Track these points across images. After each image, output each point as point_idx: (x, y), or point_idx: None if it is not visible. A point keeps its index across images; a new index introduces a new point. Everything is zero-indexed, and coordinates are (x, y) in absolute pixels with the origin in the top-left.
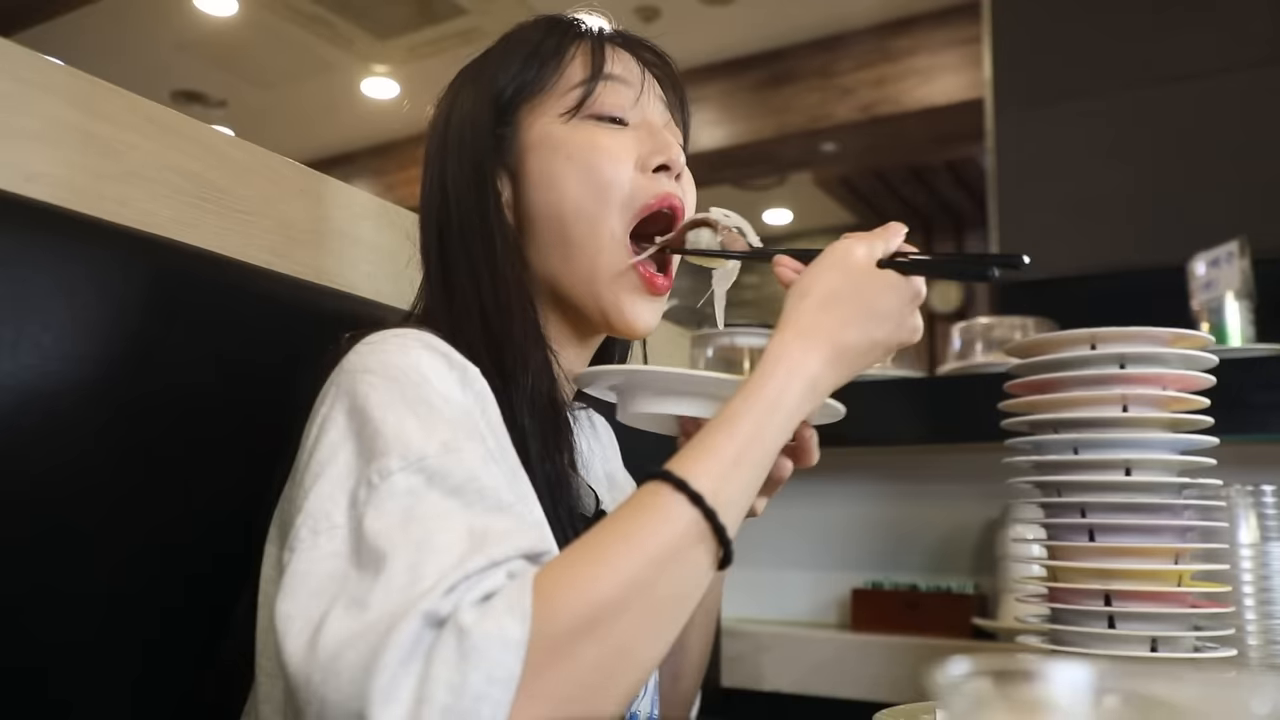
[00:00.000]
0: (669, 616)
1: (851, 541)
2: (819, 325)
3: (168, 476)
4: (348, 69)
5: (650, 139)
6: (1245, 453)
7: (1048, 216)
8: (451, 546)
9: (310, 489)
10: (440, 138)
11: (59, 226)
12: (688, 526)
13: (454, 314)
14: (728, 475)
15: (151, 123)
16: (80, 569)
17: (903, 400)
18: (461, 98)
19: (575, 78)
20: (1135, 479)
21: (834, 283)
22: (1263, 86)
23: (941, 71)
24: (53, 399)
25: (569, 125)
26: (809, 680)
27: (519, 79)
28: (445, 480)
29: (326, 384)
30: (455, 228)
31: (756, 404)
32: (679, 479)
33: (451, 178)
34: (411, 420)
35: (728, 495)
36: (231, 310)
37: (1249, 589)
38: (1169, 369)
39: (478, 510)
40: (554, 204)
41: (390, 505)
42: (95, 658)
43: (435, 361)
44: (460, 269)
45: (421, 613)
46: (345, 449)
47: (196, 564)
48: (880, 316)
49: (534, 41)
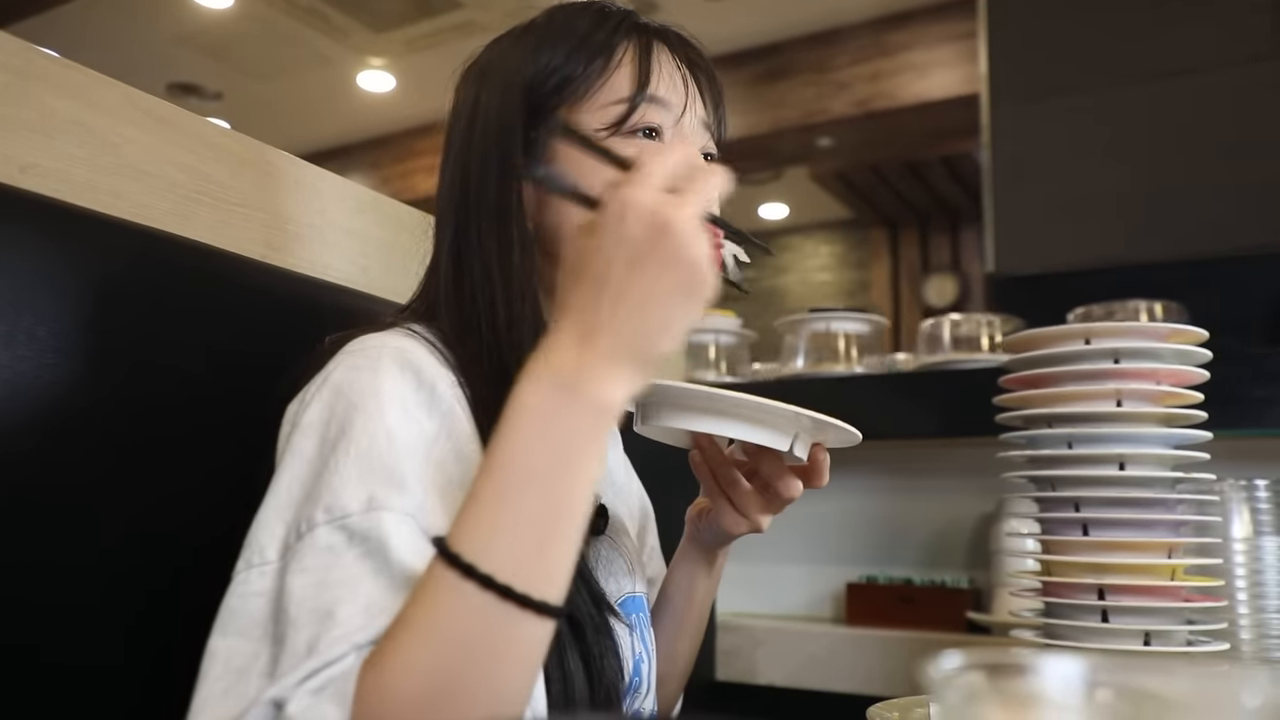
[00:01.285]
0: (499, 683)
1: (846, 536)
2: (554, 328)
3: (163, 471)
4: (343, 62)
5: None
6: (1239, 448)
7: (1042, 211)
8: (348, 620)
9: (259, 510)
10: (466, 123)
11: (54, 219)
12: (468, 602)
13: (463, 317)
14: (498, 525)
15: (147, 115)
16: (76, 558)
17: (897, 395)
18: (491, 80)
19: (620, 90)
20: (1129, 474)
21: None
22: (1259, 82)
23: (937, 67)
24: (47, 390)
25: (609, 141)
26: (804, 674)
27: (561, 73)
28: (362, 542)
29: (306, 388)
30: (474, 228)
31: (497, 437)
32: (447, 551)
33: (475, 175)
34: (350, 465)
35: (508, 547)
36: (226, 303)
37: (1242, 583)
38: (1163, 364)
39: (382, 580)
40: (569, 223)
41: (312, 562)
42: (87, 643)
43: (402, 384)
44: (474, 273)
45: (268, 700)
46: (294, 473)
47: (190, 552)
48: (601, 263)
49: (580, 32)
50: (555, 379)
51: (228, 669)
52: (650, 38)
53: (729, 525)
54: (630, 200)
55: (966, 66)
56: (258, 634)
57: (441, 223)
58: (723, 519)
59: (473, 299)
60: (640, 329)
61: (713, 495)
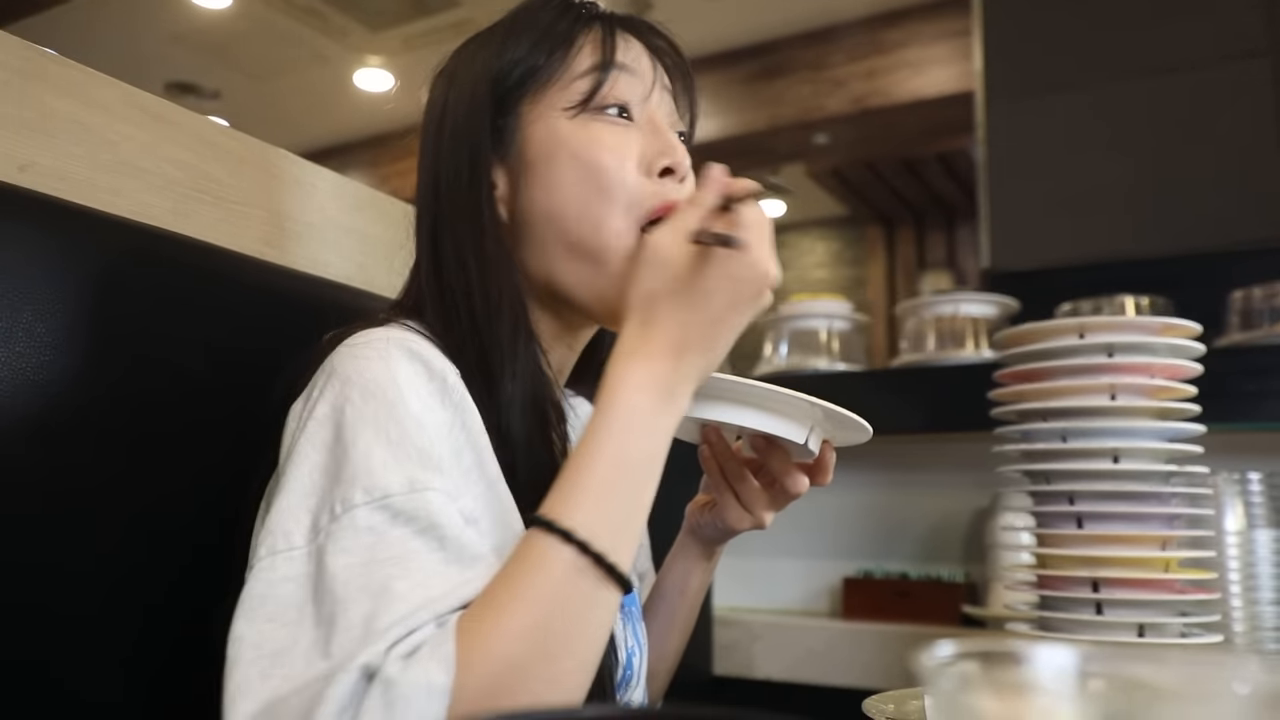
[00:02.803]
0: (582, 645)
1: (843, 530)
2: (647, 334)
3: (162, 467)
4: (341, 61)
5: (655, 139)
6: (1232, 441)
7: (1038, 208)
8: (407, 595)
9: (276, 501)
10: (436, 122)
11: (53, 216)
12: (566, 565)
13: (445, 308)
14: (598, 503)
15: (145, 113)
16: (75, 555)
17: (893, 390)
18: (460, 79)
19: (583, 65)
20: (1123, 467)
21: (649, 283)
22: (1254, 78)
23: (932, 64)
24: (46, 388)
25: (574, 122)
26: (800, 668)
27: (525, 64)
28: (410, 521)
29: (310, 385)
30: (447, 220)
31: (608, 429)
32: (546, 520)
33: (445, 167)
34: (380, 449)
35: (604, 522)
36: (225, 300)
37: (1235, 575)
38: (1157, 358)
39: (436, 559)
40: (556, 205)
41: (353, 543)
42: (89, 639)
43: (414, 373)
44: (451, 264)
45: (358, 666)
46: (313, 462)
47: (188, 549)
48: (708, 293)
49: (543, 25)
50: (657, 385)
51: (260, 653)
52: (613, 23)
53: (733, 521)
54: (754, 261)
55: (962, 63)
56: (291, 617)
57: (420, 220)
58: (727, 514)
59: (451, 291)
60: (721, 349)
61: (719, 490)
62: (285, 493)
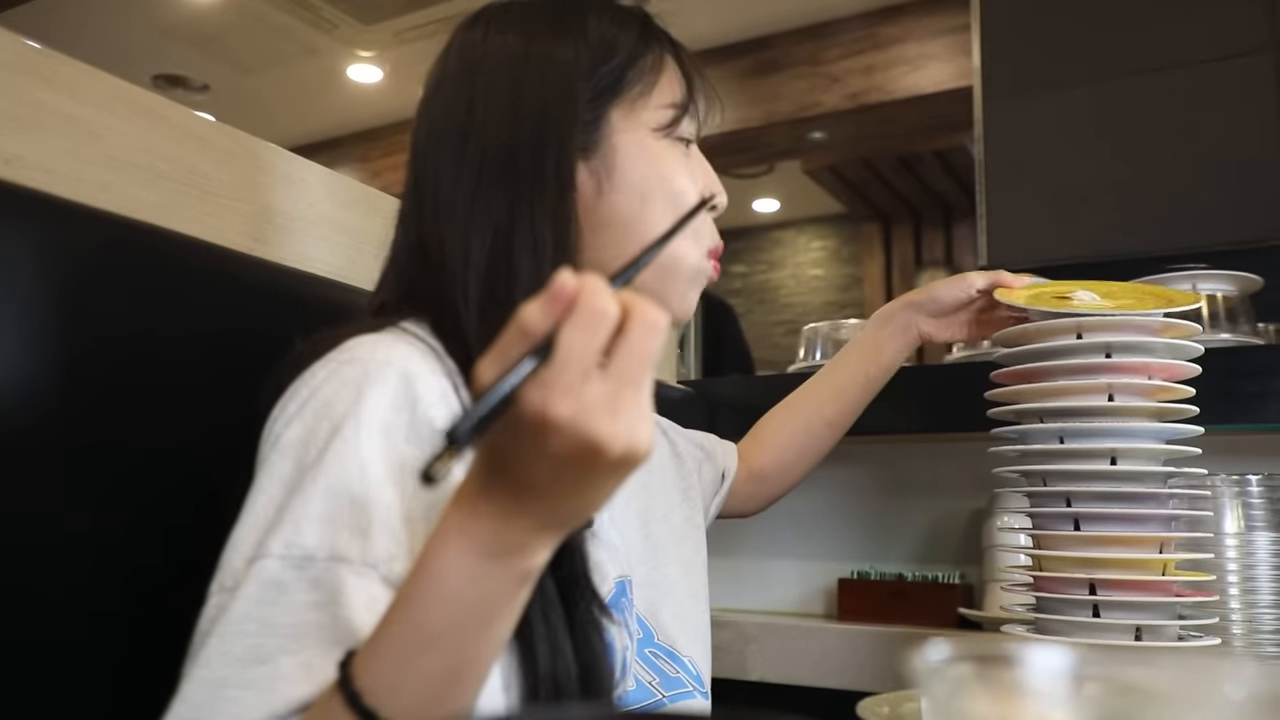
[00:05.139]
0: None
1: (838, 531)
2: (484, 486)
3: (148, 466)
4: (332, 54)
5: (704, 174)
6: (1231, 442)
7: (1036, 205)
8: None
9: (234, 531)
10: (502, 93)
11: (38, 210)
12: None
13: (467, 304)
14: (400, 670)
15: (133, 107)
16: (58, 550)
17: (889, 390)
18: (533, 60)
19: (669, 95)
20: (1120, 468)
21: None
22: (1253, 76)
23: (930, 60)
24: (31, 384)
25: (660, 143)
26: (795, 670)
27: (619, 72)
28: (315, 588)
29: (287, 397)
30: (511, 212)
31: (415, 592)
32: (345, 676)
33: (521, 153)
34: (317, 499)
35: (405, 692)
36: (212, 295)
37: (1233, 578)
38: (1155, 358)
39: (319, 641)
40: (641, 215)
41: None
42: (64, 633)
43: (385, 406)
44: (500, 259)
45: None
46: (269, 495)
47: (174, 549)
48: (526, 459)
49: (626, 48)
50: (474, 548)
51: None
52: (674, 45)
53: (949, 331)
54: (549, 419)
55: (961, 59)
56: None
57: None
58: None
59: (489, 288)
60: (568, 513)
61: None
62: (241, 523)
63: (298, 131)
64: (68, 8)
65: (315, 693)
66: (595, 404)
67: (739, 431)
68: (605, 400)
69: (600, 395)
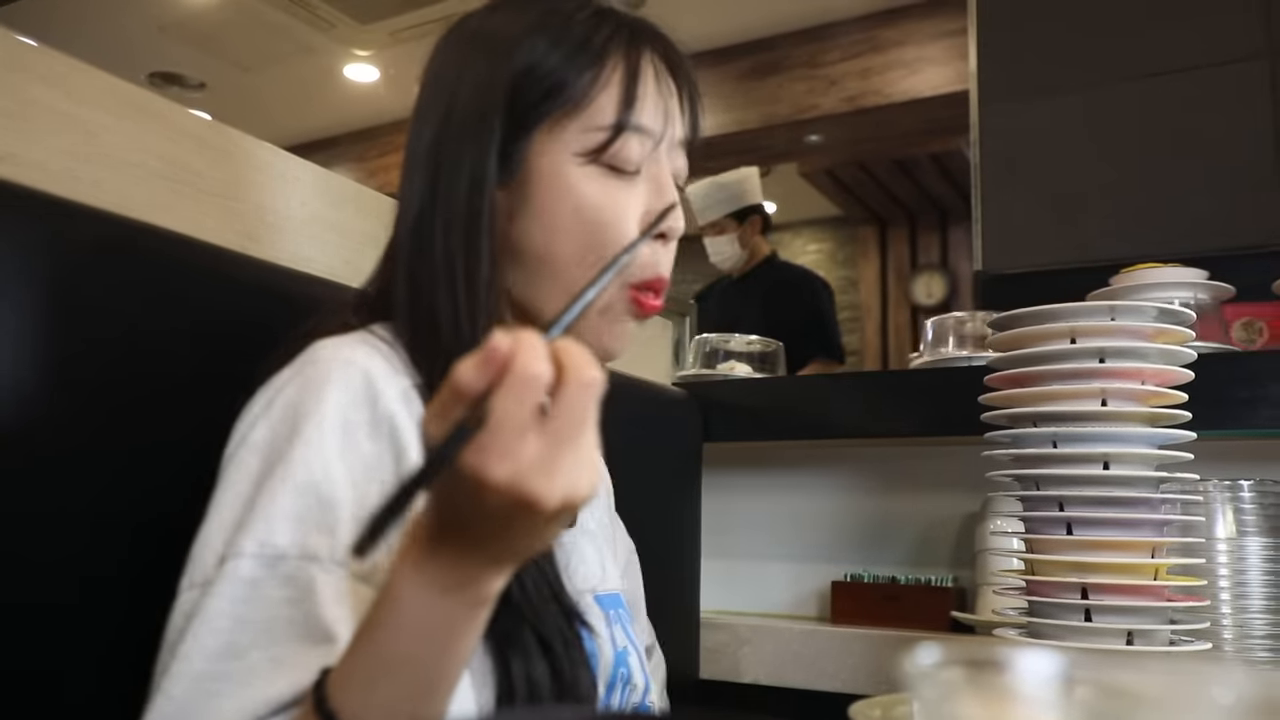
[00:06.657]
0: None
1: (831, 534)
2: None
3: (139, 463)
4: (329, 53)
5: (657, 197)
6: (1223, 448)
7: (1032, 209)
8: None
9: (202, 526)
10: (444, 108)
11: (32, 207)
12: None
13: (417, 316)
14: (366, 691)
15: (127, 105)
16: (50, 549)
17: (883, 393)
18: (476, 62)
19: (603, 115)
20: (1113, 473)
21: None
22: (1247, 81)
23: (927, 63)
24: (23, 381)
25: (582, 170)
26: (788, 672)
27: (553, 79)
28: (287, 585)
29: (252, 399)
30: (439, 233)
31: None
32: (321, 695)
33: (446, 174)
34: (285, 497)
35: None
36: (206, 294)
37: (1225, 583)
38: (1148, 363)
39: (290, 636)
40: (553, 248)
41: (220, 605)
42: (63, 637)
43: (346, 404)
44: (437, 279)
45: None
46: (236, 491)
47: (168, 547)
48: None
49: (577, 35)
50: (433, 584)
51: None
52: (641, 46)
53: None
54: (486, 481)
55: (957, 63)
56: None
57: (404, 212)
58: None
59: (432, 308)
60: (518, 551)
61: None
62: (208, 522)
63: (294, 130)
64: (66, 4)
65: (289, 691)
66: (531, 465)
67: (736, 434)
68: (541, 460)
69: (536, 455)
